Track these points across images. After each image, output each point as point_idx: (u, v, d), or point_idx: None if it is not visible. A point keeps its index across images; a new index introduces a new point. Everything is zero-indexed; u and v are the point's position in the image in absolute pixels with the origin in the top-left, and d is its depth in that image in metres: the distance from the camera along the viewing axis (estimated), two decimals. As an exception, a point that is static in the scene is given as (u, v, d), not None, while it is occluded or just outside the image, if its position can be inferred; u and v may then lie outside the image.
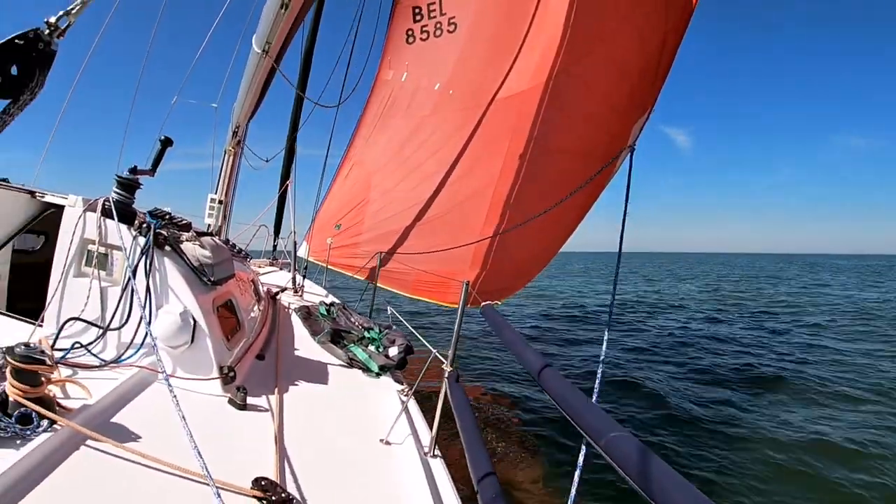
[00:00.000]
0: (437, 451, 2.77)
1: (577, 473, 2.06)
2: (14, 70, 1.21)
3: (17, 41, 1.20)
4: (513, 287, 9.70)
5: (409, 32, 8.70)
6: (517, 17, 7.67)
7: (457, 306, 3.18)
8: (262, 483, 1.96)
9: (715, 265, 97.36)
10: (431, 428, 2.94)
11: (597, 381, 2.74)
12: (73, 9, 1.29)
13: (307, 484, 2.15)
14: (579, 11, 6.87)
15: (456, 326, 3.13)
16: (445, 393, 2.98)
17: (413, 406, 3.36)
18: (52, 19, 1.26)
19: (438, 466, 2.63)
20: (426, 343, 3.67)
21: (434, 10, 8.29)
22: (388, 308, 5.80)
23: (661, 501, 1.32)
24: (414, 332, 4.49)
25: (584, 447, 1.92)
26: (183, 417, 1.91)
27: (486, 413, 8.13)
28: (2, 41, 1.18)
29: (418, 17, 8.51)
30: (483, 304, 3.61)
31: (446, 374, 3.02)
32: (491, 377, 10.21)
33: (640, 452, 1.50)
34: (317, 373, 3.82)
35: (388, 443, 2.73)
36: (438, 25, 8.38)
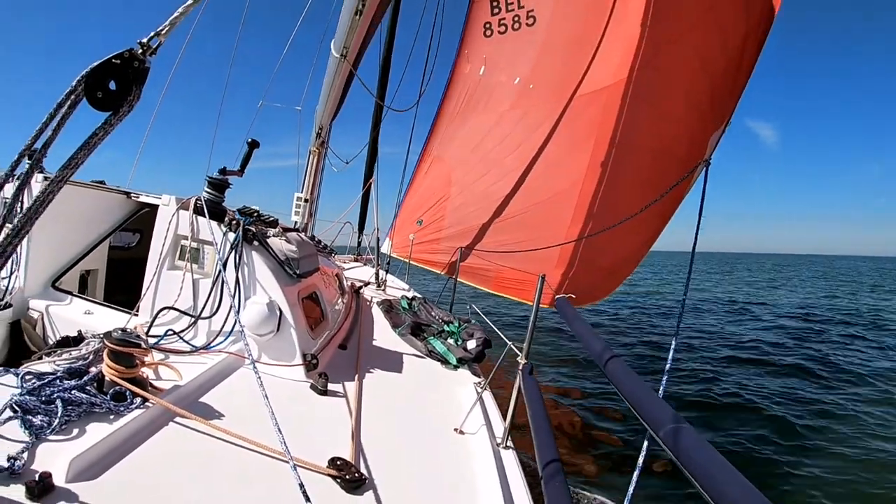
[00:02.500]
0: (509, 443, 2.80)
1: (638, 464, 2.06)
2: (112, 85, 1.38)
3: (113, 60, 1.36)
4: (598, 292, 9.35)
5: (487, 25, 8.63)
6: (598, 9, 7.50)
7: (544, 306, 3.20)
8: (338, 463, 2.07)
9: (801, 267, 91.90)
10: (505, 419, 2.97)
11: (664, 378, 2.69)
12: (162, 30, 1.44)
13: (380, 466, 2.22)
14: (659, 2, 6.70)
15: (531, 320, 3.13)
16: (519, 385, 3.01)
17: (488, 397, 3.39)
18: (145, 40, 1.42)
19: (510, 458, 2.66)
20: (503, 336, 3.70)
21: (512, 3, 8.22)
22: (470, 306, 5.86)
23: (715, 496, 1.30)
24: (492, 325, 4.53)
25: (646, 441, 1.92)
26: (266, 398, 2.03)
27: (557, 404, 8.13)
28: (100, 61, 1.34)
29: (496, 10, 8.44)
30: (557, 297, 3.60)
31: (521, 367, 3.05)
32: (564, 369, 10.21)
33: (698, 445, 1.48)
34: (396, 363, 3.94)
35: (461, 432, 2.78)
36: (517, 18, 8.28)
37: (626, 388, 2.01)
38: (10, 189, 1.59)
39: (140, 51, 1.40)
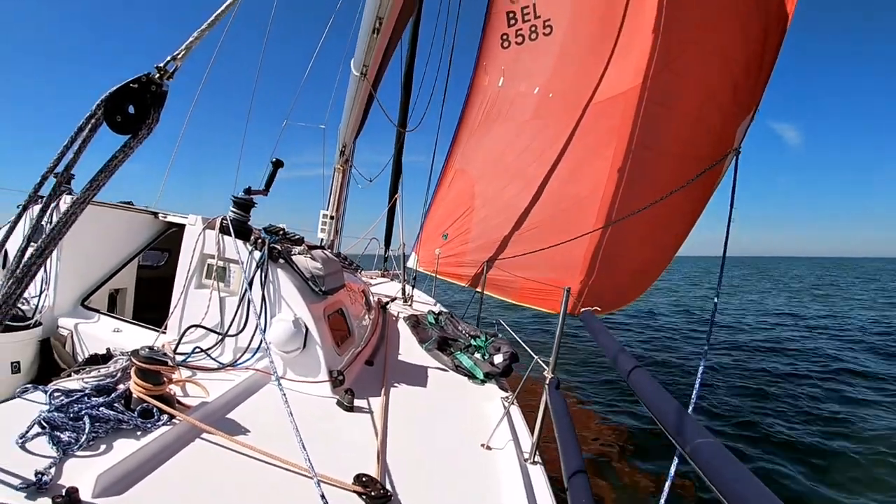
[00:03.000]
0: (537, 458, 2.76)
1: (667, 483, 2.02)
2: (131, 109, 1.42)
3: (131, 85, 1.40)
4: (622, 299, 9.30)
5: (504, 37, 8.66)
6: (612, 16, 7.49)
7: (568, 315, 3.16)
8: (363, 479, 2.06)
9: (839, 271, 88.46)
10: (532, 434, 2.94)
11: (694, 392, 2.63)
12: (178, 54, 1.47)
13: (407, 483, 2.21)
14: (672, 5, 6.67)
15: (557, 333, 3.08)
16: (546, 399, 2.97)
17: (515, 412, 3.36)
18: (161, 64, 1.45)
19: (538, 473, 2.62)
20: (529, 350, 3.67)
21: (528, 14, 8.24)
22: (498, 320, 5.82)
23: None
24: (519, 339, 4.50)
25: (676, 457, 1.87)
26: (291, 415, 2.04)
27: (584, 418, 8.00)
28: (118, 86, 1.38)
29: (513, 22, 8.48)
30: (583, 309, 3.56)
31: (547, 381, 3.02)
32: (590, 383, 10.02)
33: (726, 461, 1.45)
34: (422, 378, 3.92)
35: (489, 447, 2.75)
36: (534, 28, 8.31)
37: (652, 402, 1.98)
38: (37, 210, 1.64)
39: (157, 75, 1.43)
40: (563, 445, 2.59)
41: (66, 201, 3.61)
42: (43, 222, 1.48)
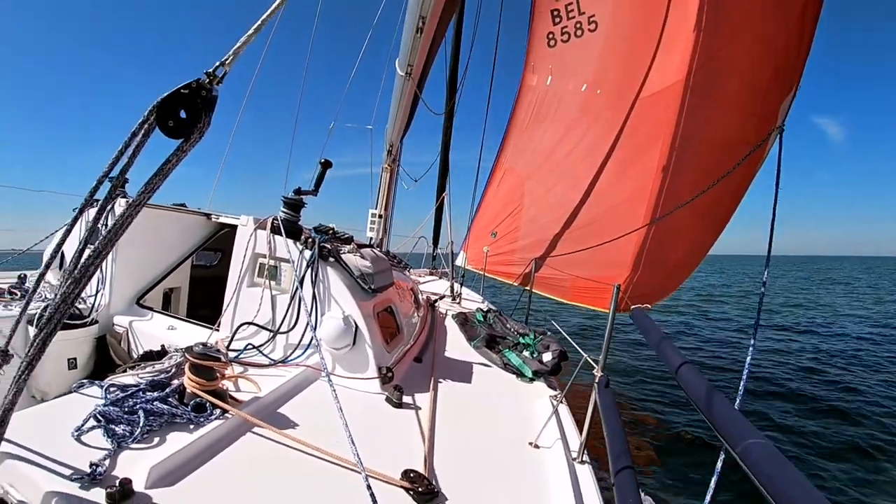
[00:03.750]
0: (585, 457, 2.71)
1: (713, 480, 1.97)
2: (183, 114, 1.47)
3: (182, 90, 1.46)
4: (666, 289, 9.16)
5: (550, 35, 8.63)
6: (655, 9, 7.38)
7: (619, 312, 3.11)
8: (411, 475, 2.07)
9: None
10: (581, 433, 2.89)
11: (741, 386, 2.56)
12: (226, 59, 1.52)
13: (454, 480, 2.21)
14: None
15: (607, 331, 3.03)
16: (595, 398, 2.94)
17: (564, 410, 3.32)
18: (210, 70, 1.50)
19: (586, 473, 2.58)
20: (578, 348, 3.62)
21: (573, 10, 8.18)
22: (547, 318, 5.77)
23: None
24: (567, 337, 4.44)
25: (722, 453, 1.82)
26: (341, 411, 2.06)
27: (632, 417, 7.92)
28: (169, 92, 1.43)
29: (557, 20, 8.44)
30: (633, 307, 3.50)
31: (596, 380, 2.97)
32: (639, 381, 9.92)
33: (778, 463, 1.40)
34: (470, 375, 3.91)
35: (536, 446, 2.72)
36: (578, 25, 8.25)
37: (700, 399, 1.93)
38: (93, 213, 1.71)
39: (207, 80, 1.48)
40: (611, 445, 2.55)
41: (120, 204, 3.75)
42: (99, 225, 1.54)
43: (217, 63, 1.51)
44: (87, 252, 1.50)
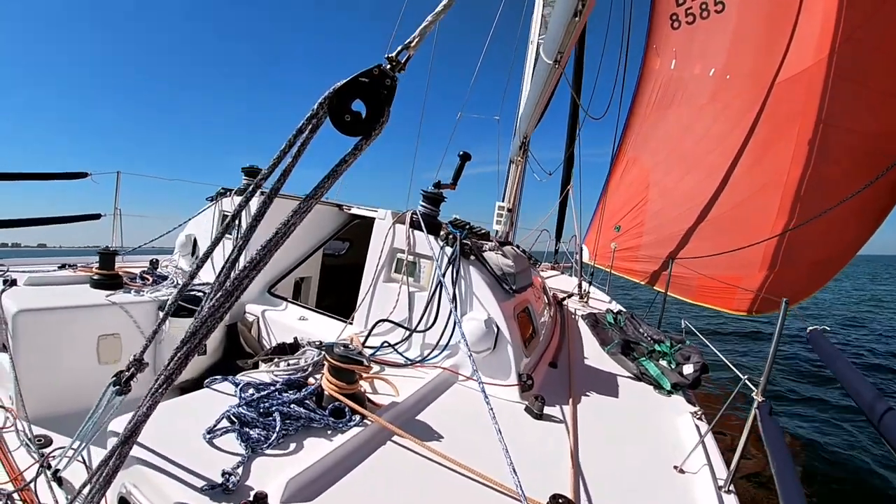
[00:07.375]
0: (732, 487, 2.46)
1: None
2: (357, 107, 1.29)
3: (361, 79, 1.27)
4: (807, 289, 8.41)
5: (674, 17, 8.27)
6: None
7: (743, 314, 2.80)
8: (560, 501, 1.87)
9: None
10: (727, 459, 2.63)
11: None
12: (412, 42, 1.33)
13: None
14: None
15: (772, 350, 2.70)
16: (753, 426, 2.63)
17: (705, 429, 3.07)
18: (393, 55, 1.31)
19: (733, 503, 2.36)
20: (732, 367, 3.26)
21: (697, -9, 7.80)
22: (684, 322, 5.35)
23: None
24: (714, 350, 4.08)
25: None
26: (499, 432, 1.89)
27: (797, 453, 6.81)
28: (346, 80, 1.25)
29: (681, 1, 8.10)
30: (810, 329, 3.12)
31: (755, 404, 2.66)
32: (804, 410, 8.52)
33: None
34: (608, 385, 3.66)
35: (682, 471, 2.51)
36: (704, 6, 7.89)
37: None
38: (240, 206, 1.64)
39: (389, 66, 1.29)
40: (781, 484, 2.27)
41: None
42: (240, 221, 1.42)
43: (400, 47, 1.31)
44: (242, 262, 1.38)
